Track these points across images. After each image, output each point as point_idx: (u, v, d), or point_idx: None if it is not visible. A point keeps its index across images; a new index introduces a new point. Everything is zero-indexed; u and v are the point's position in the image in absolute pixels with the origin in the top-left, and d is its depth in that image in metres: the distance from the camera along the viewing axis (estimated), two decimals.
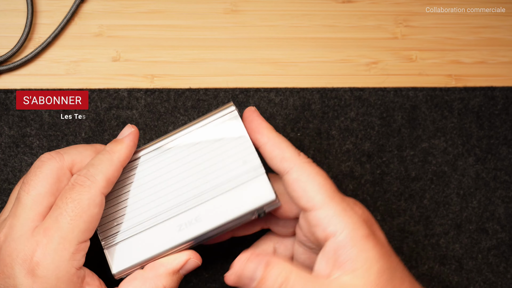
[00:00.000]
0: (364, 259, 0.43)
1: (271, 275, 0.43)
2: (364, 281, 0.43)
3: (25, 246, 0.43)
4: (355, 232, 0.44)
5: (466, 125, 0.59)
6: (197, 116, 0.57)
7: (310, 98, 0.58)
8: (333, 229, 0.44)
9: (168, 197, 0.47)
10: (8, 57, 0.57)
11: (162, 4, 0.59)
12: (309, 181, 0.45)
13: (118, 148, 0.46)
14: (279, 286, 0.43)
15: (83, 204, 0.43)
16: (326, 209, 0.44)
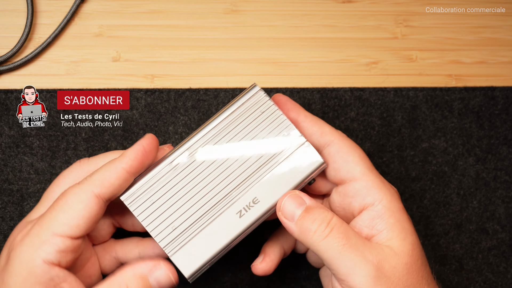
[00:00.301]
0: (400, 230, 0.45)
1: (312, 214, 0.44)
2: (400, 249, 0.44)
3: (15, 232, 0.44)
4: (392, 203, 0.45)
5: (466, 125, 0.59)
6: (200, 115, 0.57)
7: (310, 98, 0.58)
8: (371, 199, 0.45)
9: (218, 188, 0.46)
10: (8, 57, 0.57)
11: (162, 4, 0.59)
12: (350, 153, 0.47)
13: (126, 154, 0.45)
14: (320, 224, 0.44)
15: (69, 198, 0.43)
16: (365, 180, 0.46)
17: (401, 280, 0.43)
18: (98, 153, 0.56)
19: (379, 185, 0.46)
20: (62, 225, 0.42)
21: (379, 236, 0.45)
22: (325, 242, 0.43)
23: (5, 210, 0.56)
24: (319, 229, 0.43)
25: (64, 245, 0.42)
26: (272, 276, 0.56)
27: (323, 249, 0.43)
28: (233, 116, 0.47)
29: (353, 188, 0.46)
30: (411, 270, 0.44)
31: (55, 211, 0.43)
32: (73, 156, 0.56)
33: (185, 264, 0.45)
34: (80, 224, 0.43)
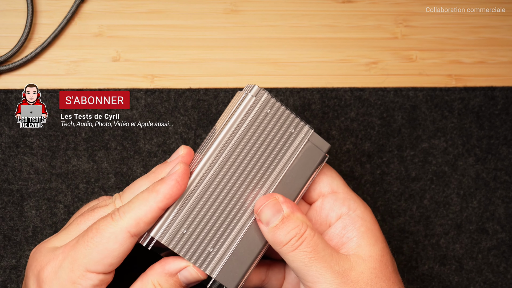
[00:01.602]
0: (370, 237, 0.46)
1: (287, 225, 0.45)
2: (368, 255, 0.45)
3: (43, 259, 0.44)
4: (365, 213, 0.47)
5: (466, 125, 0.59)
6: (200, 115, 0.57)
7: (310, 98, 0.58)
8: (346, 209, 0.47)
9: (240, 200, 0.46)
10: (8, 57, 0.57)
11: (162, 4, 0.59)
12: (326, 172, 0.49)
13: (158, 188, 0.44)
14: (292, 237, 0.45)
15: (104, 235, 0.43)
16: (342, 192, 0.48)
17: (369, 284, 0.45)
18: (98, 154, 0.56)
19: (353, 197, 0.48)
20: (96, 264, 0.43)
21: (350, 243, 0.46)
22: (293, 253, 0.44)
23: (5, 210, 0.56)
24: (291, 242, 0.44)
25: (98, 279, 0.44)
26: None
27: (291, 260, 0.45)
28: (242, 124, 0.46)
29: (330, 200, 0.48)
30: (380, 275, 0.45)
31: (89, 248, 0.43)
32: (73, 156, 0.56)
33: (228, 279, 0.46)
34: (114, 263, 0.44)
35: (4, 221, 0.56)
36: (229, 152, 0.46)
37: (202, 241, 0.46)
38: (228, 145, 0.46)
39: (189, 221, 0.45)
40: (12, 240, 0.55)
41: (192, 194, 0.45)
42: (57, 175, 0.56)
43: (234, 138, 0.46)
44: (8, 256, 0.55)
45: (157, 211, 0.44)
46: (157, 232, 0.45)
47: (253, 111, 0.46)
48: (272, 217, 0.45)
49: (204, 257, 0.46)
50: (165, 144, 0.57)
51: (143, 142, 0.57)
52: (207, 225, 0.46)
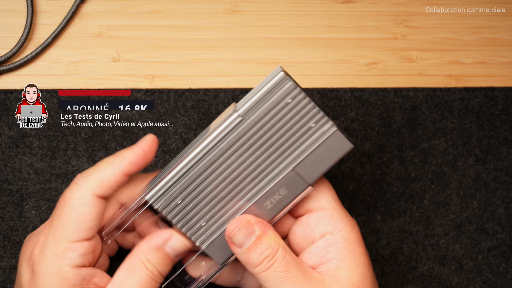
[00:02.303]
0: (350, 260, 0.45)
1: (259, 246, 0.44)
2: (345, 279, 0.44)
3: (30, 244, 0.45)
4: (350, 235, 0.46)
5: (466, 125, 0.59)
6: (200, 115, 0.57)
7: None
8: (331, 228, 0.46)
9: (247, 180, 0.45)
10: (8, 57, 0.57)
11: (162, 4, 0.59)
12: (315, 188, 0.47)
13: (124, 153, 0.45)
14: (264, 258, 0.44)
15: (72, 203, 0.44)
16: (330, 209, 0.46)
17: None
18: (97, 154, 0.56)
19: (341, 216, 0.46)
20: (75, 232, 0.43)
21: (328, 264, 0.45)
22: (265, 273, 0.44)
23: (5, 210, 0.56)
24: (263, 263, 0.44)
25: (84, 248, 0.44)
26: None
27: (263, 280, 0.44)
28: (257, 109, 0.44)
29: (316, 216, 0.46)
30: None
31: (64, 219, 0.43)
32: (73, 156, 0.56)
33: (217, 253, 0.46)
34: (92, 226, 0.44)
35: (4, 221, 0.56)
36: (239, 134, 0.44)
37: (195, 214, 0.46)
38: (239, 127, 0.44)
39: (186, 193, 0.45)
40: (12, 240, 0.55)
41: (194, 167, 0.45)
42: (57, 175, 0.56)
43: (247, 122, 0.44)
44: (8, 256, 0.55)
45: (121, 176, 0.44)
46: (152, 197, 0.45)
47: (271, 97, 0.44)
48: (245, 240, 0.44)
49: (195, 229, 0.46)
50: (165, 144, 0.57)
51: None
52: (203, 201, 0.45)
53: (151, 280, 0.45)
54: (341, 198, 0.57)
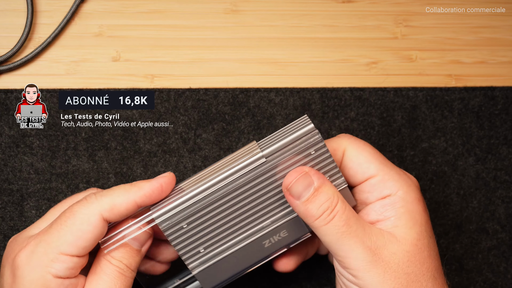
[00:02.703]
0: (408, 219, 0.45)
1: (318, 198, 0.44)
2: (403, 237, 0.44)
3: (17, 247, 0.44)
4: (408, 194, 0.46)
5: (466, 125, 0.59)
6: (200, 115, 0.57)
7: (310, 98, 0.58)
8: (388, 191, 0.46)
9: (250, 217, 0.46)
10: (8, 57, 0.57)
11: (162, 4, 0.59)
12: (360, 154, 0.47)
13: (141, 184, 0.45)
14: (324, 211, 0.44)
15: (77, 217, 0.43)
16: (381, 174, 0.46)
17: (401, 267, 0.44)
18: (98, 153, 0.56)
19: (394, 178, 0.46)
20: (69, 246, 0.43)
21: (386, 222, 0.45)
22: (325, 227, 0.44)
23: (5, 210, 0.56)
24: (323, 216, 0.44)
25: (73, 262, 0.43)
26: (272, 277, 0.56)
27: (323, 234, 0.44)
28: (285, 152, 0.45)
29: (369, 184, 0.46)
30: (413, 259, 0.44)
31: (63, 230, 0.43)
32: (73, 156, 0.56)
33: (206, 280, 0.47)
34: (87, 246, 0.44)
35: (4, 221, 0.56)
36: (258, 174, 0.45)
37: (196, 240, 0.46)
38: (260, 167, 0.45)
39: (193, 219, 0.45)
40: None
41: (207, 196, 0.45)
42: (57, 175, 0.56)
43: (268, 164, 0.45)
44: None
45: (133, 205, 0.44)
46: (159, 216, 0.45)
47: (296, 146, 0.45)
48: (303, 191, 0.44)
49: (192, 254, 0.46)
50: (165, 144, 0.57)
51: (143, 142, 0.57)
52: (208, 228, 0.46)
53: (120, 275, 0.45)
54: None
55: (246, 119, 0.58)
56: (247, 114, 0.58)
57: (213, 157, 0.57)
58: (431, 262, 0.45)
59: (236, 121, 0.58)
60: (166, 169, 0.57)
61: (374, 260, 0.43)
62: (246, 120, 0.58)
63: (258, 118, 0.58)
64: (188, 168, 0.57)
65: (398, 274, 0.44)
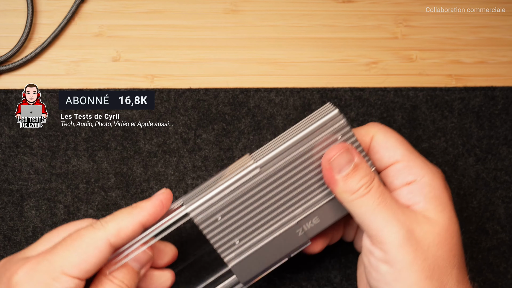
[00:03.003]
0: (437, 203, 0.45)
1: (358, 173, 0.45)
2: (435, 220, 0.45)
3: (14, 266, 0.44)
4: (434, 181, 0.46)
5: (466, 125, 0.59)
6: (200, 115, 0.57)
7: (310, 98, 0.58)
8: (412, 177, 0.46)
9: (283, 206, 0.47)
10: (8, 57, 0.57)
11: (162, 4, 0.59)
12: (388, 140, 0.48)
13: (143, 205, 0.45)
14: (362, 185, 0.45)
15: (84, 240, 0.43)
16: (406, 160, 0.47)
17: (431, 249, 0.44)
18: (98, 154, 0.56)
19: (420, 165, 0.46)
20: (73, 267, 0.43)
21: (415, 206, 0.45)
22: (361, 200, 0.45)
23: (5, 210, 0.56)
24: (361, 189, 0.45)
25: (74, 283, 0.43)
26: (272, 277, 0.56)
27: (359, 206, 0.45)
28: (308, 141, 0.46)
29: (394, 168, 0.47)
30: (443, 243, 0.44)
31: (68, 250, 0.43)
32: (73, 156, 0.56)
33: (242, 273, 0.47)
34: (90, 270, 0.43)
35: (4, 221, 0.56)
36: (286, 162, 0.46)
37: (231, 232, 0.46)
38: (288, 155, 0.46)
39: (227, 210, 0.46)
40: (12, 240, 0.55)
41: (239, 187, 0.46)
42: (57, 175, 0.56)
43: (296, 151, 0.46)
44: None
45: (138, 226, 0.45)
46: (193, 210, 0.45)
47: (325, 131, 0.46)
48: (344, 165, 0.45)
49: (227, 246, 0.47)
50: (165, 144, 0.57)
51: (143, 142, 0.57)
52: (242, 219, 0.46)
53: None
54: None
55: (246, 119, 0.58)
56: (247, 114, 0.58)
57: (213, 157, 0.57)
58: (458, 250, 0.45)
59: (236, 121, 0.58)
60: (166, 169, 0.57)
61: (408, 237, 0.43)
62: (246, 120, 0.58)
63: (258, 118, 0.58)
64: (188, 168, 0.57)
65: (427, 256, 0.43)
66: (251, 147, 0.57)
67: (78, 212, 0.56)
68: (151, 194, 0.56)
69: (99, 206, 0.56)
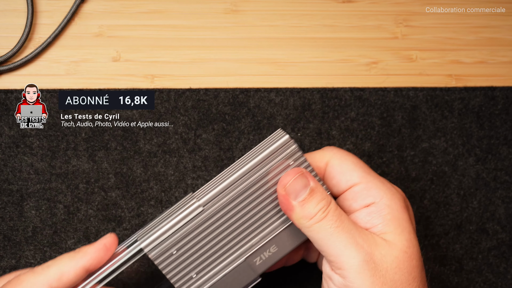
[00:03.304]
0: (396, 225, 0.44)
1: (315, 198, 0.44)
2: (393, 243, 0.44)
3: None
4: (392, 201, 0.45)
5: (467, 125, 0.59)
6: (200, 115, 0.57)
7: (310, 98, 0.58)
8: (371, 199, 0.45)
9: (237, 237, 0.46)
10: (8, 57, 0.57)
11: (162, 4, 0.59)
12: (344, 163, 0.47)
13: (86, 249, 0.45)
14: (319, 209, 0.44)
15: (24, 286, 0.43)
16: (364, 182, 0.46)
17: (389, 273, 0.43)
18: (98, 154, 0.56)
19: (378, 186, 0.46)
20: None
21: (374, 229, 0.45)
22: (319, 225, 0.44)
23: (5, 210, 0.56)
24: (318, 213, 0.44)
25: None
26: (272, 277, 0.56)
27: (317, 231, 0.44)
28: (260, 168, 0.45)
29: (352, 191, 0.46)
30: (401, 266, 0.43)
31: None
32: (73, 156, 0.56)
33: None
34: None
35: (4, 221, 0.56)
36: (236, 194, 0.45)
37: (188, 265, 0.46)
38: (237, 187, 0.45)
39: (181, 244, 0.45)
40: (12, 240, 0.55)
41: (193, 219, 0.45)
42: (57, 175, 0.56)
43: (249, 180, 0.45)
44: (8, 256, 0.55)
45: (81, 271, 0.44)
46: (147, 245, 0.45)
47: (275, 159, 0.45)
48: (300, 191, 0.44)
49: (185, 280, 0.46)
50: (165, 144, 0.57)
51: (143, 142, 0.57)
52: (197, 253, 0.45)
53: None
54: None
55: (246, 119, 0.58)
56: (247, 114, 0.58)
57: (213, 157, 0.57)
58: (418, 272, 0.44)
59: (236, 121, 0.58)
60: (166, 169, 0.57)
61: (367, 261, 0.43)
62: (246, 120, 0.58)
63: (258, 118, 0.58)
64: (188, 168, 0.57)
65: (386, 280, 0.43)
66: (251, 147, 0.57)
67: (78, 212, 0.56)
68: (151, 194, 0.56)
69: (99, 206, 0.56)
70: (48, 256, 0.55)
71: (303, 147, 0.58)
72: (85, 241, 0.56)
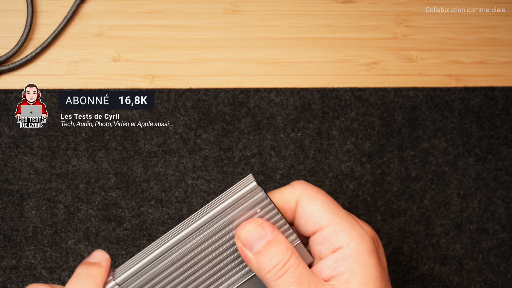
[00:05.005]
0: (362, 274, 0.43)
1: (270, 251, 0.43)
2: None
3: None
4: (360, 246, 0.43)
5: (467, 125, 0.59)
6: (200, 115, 0.57)
7: (310, 98, 0.58)
8: (339, 243, 0.44)
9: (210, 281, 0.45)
10: (8, 57, 0.57)
11: (162, 4, 0.59)
12: (312, 203, 0.45)
13: (98, 271, 0.43)
14: (275, 265, 0.42)
15: None
16: (332, 225, 0.44)
17: None
18: (98, 154, 0.56)
19: (346, 229, 0.44)
20: None
21: (340, 278, 0.43)
22: (276, 283, 0.42)
23: (5, 210, 0.56)
24: (274, 270, 0.42)
25: None
26: None
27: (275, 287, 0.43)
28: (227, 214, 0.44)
29: (321, 235, 0.44)
30: None
31: None
32: (73, 156, 0.56)
33: None
34: None
35: (4, 221, 0.56)
36: (207, 235, 0.44)
37: None
38: (207, 229, 0.44)
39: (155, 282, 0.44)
40: (12, 241, 0.55)
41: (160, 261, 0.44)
42: (57, 175, 0.56)
43: (216, 224, 0.44)
44: (8, 256, 0.55)
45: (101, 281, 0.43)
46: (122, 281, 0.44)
47: (242, 205, 0.43)
48: (255, 242, 0.43)
49: None
50: (165, 144, 0.57)
51: (143, 142, 0.57)
52: None
53: None
54: (341, 198, 0.58)
55: (246, 119, 0.58)
56: (247, 114, 0.58)
57: (213, 157, 0.57)
58: None
59: (236, 121, 0.58)
60: (166, 169, 0.57)
61: None
62: (246, 120, 0.58)
63: (258, 118, 0.58)
64: (188, 168, 0.57)
65: None
66: (251, 147, 0.57)
67: (79, 212, 0.56)
68: (151, 194, 0.56)
69: (99, 206, 0.56)
70: (48, 256, 0.55)
71: (303, 147, 0.58)
72: (85, 241, 0.56)
